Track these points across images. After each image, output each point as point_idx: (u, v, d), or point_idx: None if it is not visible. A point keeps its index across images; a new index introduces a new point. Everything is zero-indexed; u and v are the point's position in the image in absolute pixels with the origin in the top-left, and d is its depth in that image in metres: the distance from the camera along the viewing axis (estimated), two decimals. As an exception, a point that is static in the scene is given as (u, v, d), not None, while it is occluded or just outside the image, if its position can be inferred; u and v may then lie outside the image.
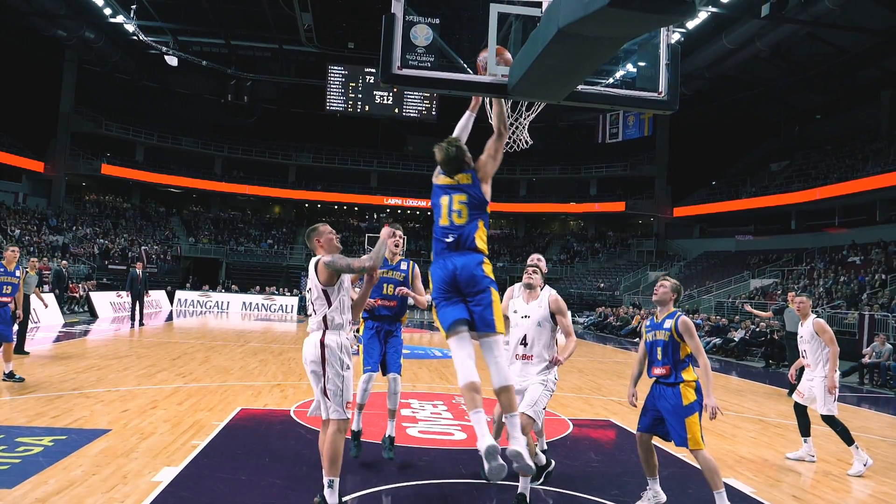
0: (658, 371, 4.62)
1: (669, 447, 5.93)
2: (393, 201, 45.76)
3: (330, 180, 45.56)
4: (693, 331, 4.53)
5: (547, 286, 5.09)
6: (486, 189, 3.93)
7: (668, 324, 4.59)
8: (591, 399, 9.19)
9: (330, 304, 4.14)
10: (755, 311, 9.85)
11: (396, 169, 46.35)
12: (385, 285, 5.48)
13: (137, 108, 42.92)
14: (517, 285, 5.16)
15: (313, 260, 4.24)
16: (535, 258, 5.33)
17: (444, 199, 4.07)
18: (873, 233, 29.40)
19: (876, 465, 6.48)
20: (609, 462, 5.97)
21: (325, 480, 3.99)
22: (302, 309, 28.04)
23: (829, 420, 6.19)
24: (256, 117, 44.04)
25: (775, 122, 42.01)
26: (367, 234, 36.74)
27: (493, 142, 3.98)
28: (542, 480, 5.06)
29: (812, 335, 6.41)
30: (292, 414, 7.34)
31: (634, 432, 4.92)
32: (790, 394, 11.56)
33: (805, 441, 6.42)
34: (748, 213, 37.35)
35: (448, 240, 3.90)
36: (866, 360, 14.25)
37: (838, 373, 6.32)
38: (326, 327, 4.14)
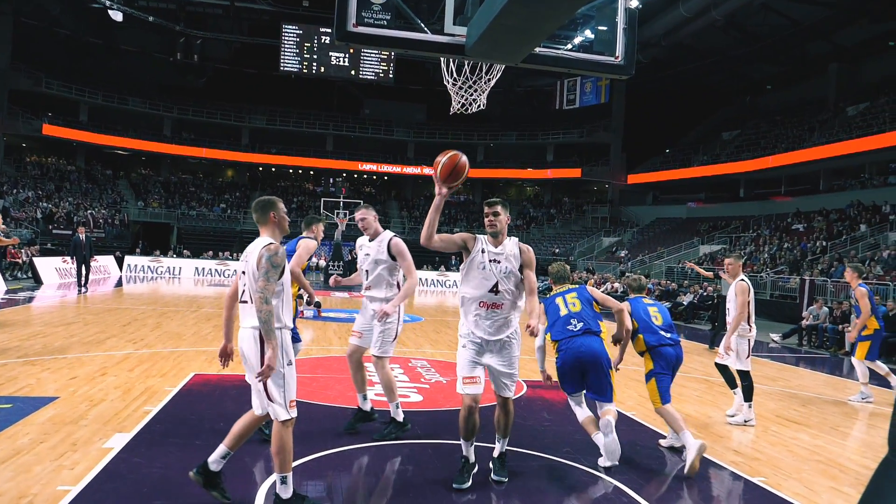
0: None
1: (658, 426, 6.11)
2: (349, 166, 45.22)
3: (284, 143, 44.70)
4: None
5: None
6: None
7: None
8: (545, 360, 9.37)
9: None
10: (697, 268, 10.14)
11: (353, 133, 45.71)
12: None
13: (81, 65, 41.05)
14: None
15: (259, 245, 3.69)
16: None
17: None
18: (816, 201, 30.46)
19: (811, 421, 6.81)
20: (561, 421, 6.12)
21: (277, 477, 3.70)
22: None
23: (741, 374, 6.45)
24: (207, 77, 42.71)
25: (728, 91, 42.76)
26: (322, 199, 36.27)
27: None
28: (390, 435, 5.18)
29: (734, 297, 6.63)
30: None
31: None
32: (710, 347, 12.12)
33: (735, 393, 6.67)
34: (700, 180, 38.16)
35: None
36: (805, 322, 14.84)
37: (736, 337, 6.45)
38: None
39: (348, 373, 7.88)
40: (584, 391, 5.00)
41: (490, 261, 4.26)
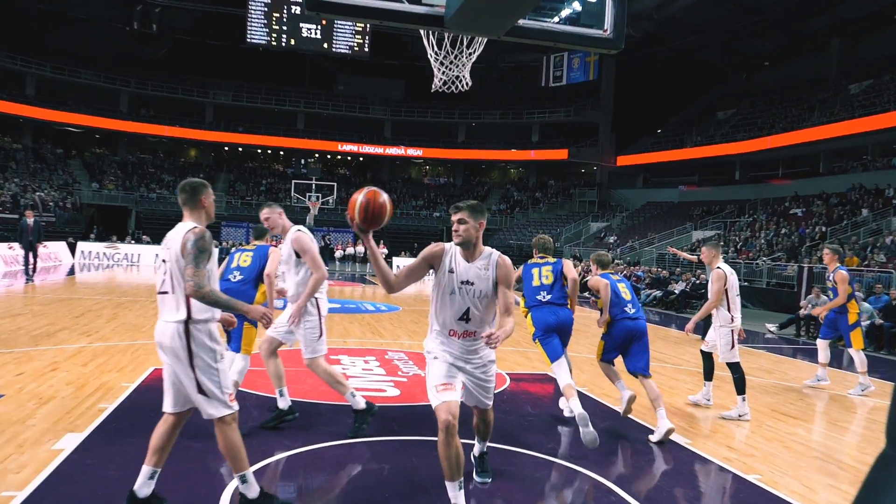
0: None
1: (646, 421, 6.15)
2: (321, 146, 44.89)
3: (252, 122, 44.26)
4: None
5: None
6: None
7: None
8: (528, 353, 9.39)
9: None
10: (680, 253, 10.23)
11: (325, 110, 45.36)
12: None
13: (27, 34, 40.15)
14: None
15: (183, 229, 3.59)
16: None
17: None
18: (816, 184, 30.79)
19: (808, 415, 6.92)
20: (545, 416, 6.16)
21: (237, 478, 3.65)
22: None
23: (730, 366, 6.60)
24: (167, 49, 42.04)
25: (723, 68, 43.02)
26: (293, 181, 36.03)
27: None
28: (361, 428, 5.23)
29: (710, 285, 6.78)
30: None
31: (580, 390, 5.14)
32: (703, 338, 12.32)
33: (705, 384, 6.98)
34: (693, 162, 38.47)
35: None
36: (803, 312, 15.02)
37: (718, 328, 6.72)
38: (190, 313, 3.53)
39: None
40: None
41: (461, 283, 3.73)
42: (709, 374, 6.98)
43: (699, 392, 7.11)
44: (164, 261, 3.64)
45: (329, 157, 47.11)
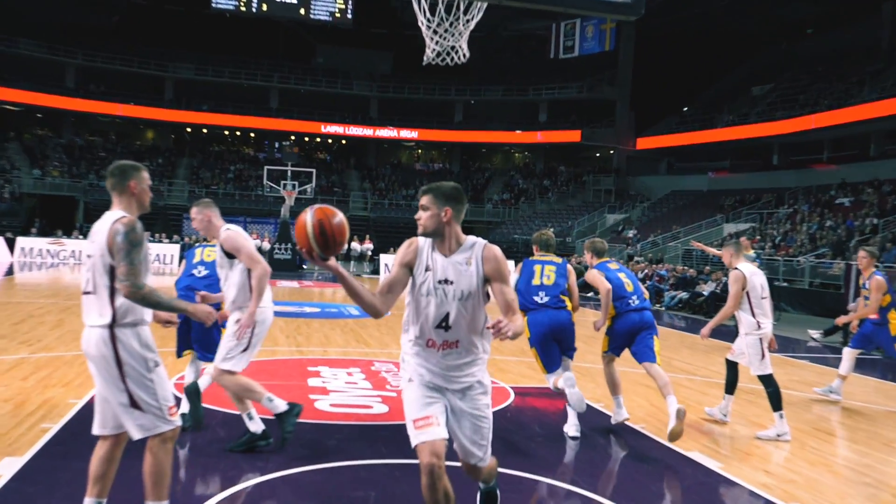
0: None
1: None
2: (299, 126, 44.82)
3: (218, 99, 44.20)
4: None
5: None
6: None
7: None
8: (535, 364, 9.39)
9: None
10: (704, 247, 10.24)
11: (303, 86, 45.33)
12: None
13: (-42, -1, 40.09)
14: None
15: (109, 220, 3.52)
16: None
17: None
18: (866, 170, 30.85)
19: (858, 435, 6.92)
20: (555, 436, 6.15)
21: None
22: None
23: (762, 379, 6.62)
24: (120, 15, 41.95)
25: (760, 37, 43.06)
26: (265, 168, 35.98)
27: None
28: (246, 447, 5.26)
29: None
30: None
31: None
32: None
33: (725, 397, 7.03)
34: (724, 145, 38.53)
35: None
36: (841, 320, 14.98)
37: (745, 337, 6.79)
38: (116, 317, 3.47)
39: (295, 379, 7.84)
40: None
41: (438, 282, 3.48)
42: (730, 385, 7.04)
43: (717, 406, 7.13)
44: (88, 256, 3.56)
45: (307, 139, 47.09)
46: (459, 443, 3.60)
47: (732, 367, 7.06)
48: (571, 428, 6.09)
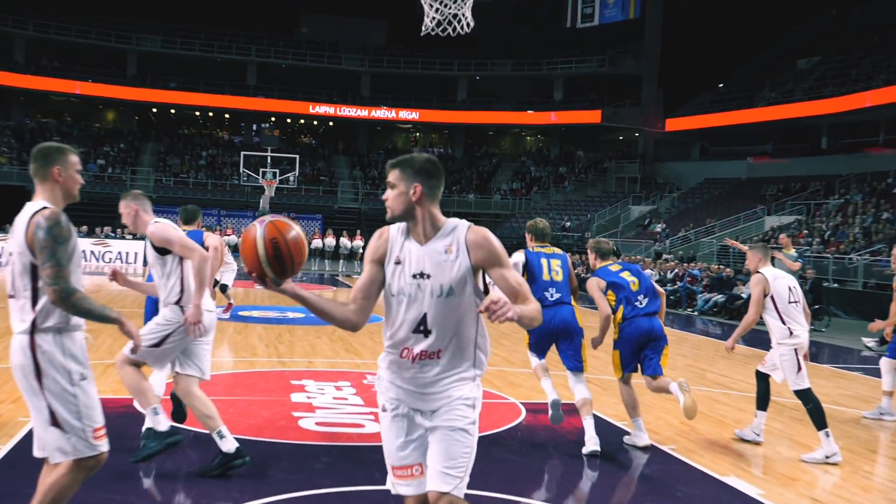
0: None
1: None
2: (280, 106, 44.79)
3: (188, 75, 44.20)
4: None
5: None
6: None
7: None
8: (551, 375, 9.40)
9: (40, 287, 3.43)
10: (741, 245, 10.28)
11: (284, 60, 45.31)
12: None
13: None
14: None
15: (28, 213, 3.47)
16: None
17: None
18: (927, 155, 30.75)
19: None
20: (572, 460, 6.15)
21: None
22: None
23: (799, 395, 6.63)
24: (76, -20, 41.93)
25: (805, 2, 42.96)
26: (242, 153, 36.05)
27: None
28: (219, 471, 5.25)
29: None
30: (136, 404, 7.21)
31: (602, 417, 5.12)
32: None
33: (757, 414, 7.03)
34: (765, 126, 38.48)
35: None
36: (874, 326, 14.96)
37: (778, 347, 6.85)
38: (36, 322, 3.42)
39: (276, 394, 7.85)
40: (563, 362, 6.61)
41: (412, 277, 3.20)
42: (762, 401, 7.02)
43: (748, 426, 7.12)
44: (10, 253, 3.50)
45: (289, 121, 47.12)
46: (428, 464, 3.28)
47: (764, 380, 7.08)
48: (590, 442, 6.09)
